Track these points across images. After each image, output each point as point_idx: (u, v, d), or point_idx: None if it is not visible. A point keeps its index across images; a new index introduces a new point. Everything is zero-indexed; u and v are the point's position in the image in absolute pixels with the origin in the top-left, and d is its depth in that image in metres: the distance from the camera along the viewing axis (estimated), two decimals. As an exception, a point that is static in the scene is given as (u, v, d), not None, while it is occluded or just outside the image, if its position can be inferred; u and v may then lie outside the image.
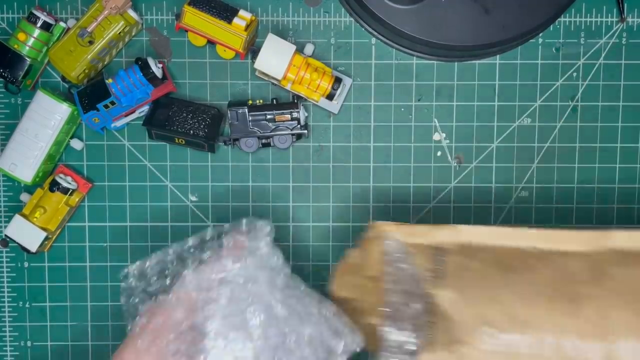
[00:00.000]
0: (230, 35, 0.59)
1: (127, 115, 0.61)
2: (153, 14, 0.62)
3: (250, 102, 0.61)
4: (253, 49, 0.61)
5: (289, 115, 0.61)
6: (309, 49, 0.62)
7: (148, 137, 0.62)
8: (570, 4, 0.59)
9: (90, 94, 0.59)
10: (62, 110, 0.60)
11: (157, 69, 0.59)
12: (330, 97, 0.60)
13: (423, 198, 0.64)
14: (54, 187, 0.60)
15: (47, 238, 0.61)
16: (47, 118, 0.59)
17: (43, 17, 0.59)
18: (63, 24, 0.61)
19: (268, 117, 0.61)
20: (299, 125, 0.61)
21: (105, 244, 0.64)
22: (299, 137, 0.62)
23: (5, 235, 0.61)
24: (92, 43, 0.59)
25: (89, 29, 0.58)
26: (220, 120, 0.62)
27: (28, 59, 0.59)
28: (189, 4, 0.58)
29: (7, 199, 0.63)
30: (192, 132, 0.60)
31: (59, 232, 0.63)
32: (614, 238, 0.51)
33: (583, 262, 0.51)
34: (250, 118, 0.60)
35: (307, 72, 0.59)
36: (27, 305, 0.64)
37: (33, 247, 0.61)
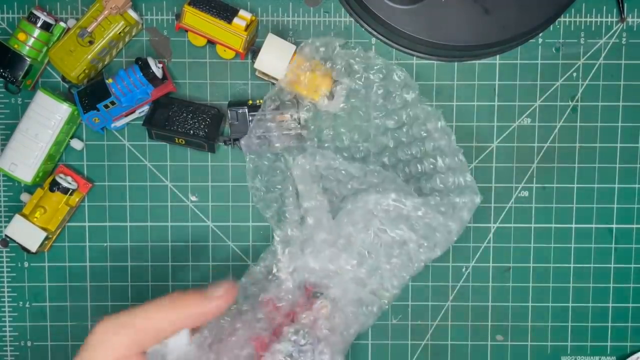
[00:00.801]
0: (230, 35, 0.59)
1: (127, 115, 0.61)
2: (153, 14, 0.62)
3: (250, 102, 0.61)
4: (253, 49, 0.61)
5: (289, 115, 0.61)
6: (309, 49, 0.62)
7: (148, 137, 0.62)
8: (570, 4, 0.59)
9: (90, 94, 0.59)
10: (62, 110, 0.60)
11: (157, 69, 0.59)
12: (330, 97, 0.60)
13: (423, 198, 0.64)
14: (54, 187, 0.61)
15: (47, 238, 0.61)
16: (47, 118, 0.59)
17: (43, 17, 0.59)
18: (63, 24, 0.61)
19: (268, 117, 0.61)
20: (299, 125, 0.61)
21: (105, 244, 0.64)
22: (299, 137, 0.62)
23: (5, 235, 0.61)
24: (92, 43, 0.59)
25: (89, 29, 0.58)
26: (220, 120, 0.62)
27: (28, 59, 0.59)
28: (189, 4, 0.58)
29: (7, 199, 0.63)
30: (192, 132, 0.60)
31: (59, 232, 0.63)
32: None
33: None
34: (250, 118, 0.60)
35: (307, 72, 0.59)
36: (27, 305, 0.64)
37: (33, 247, 0.61)
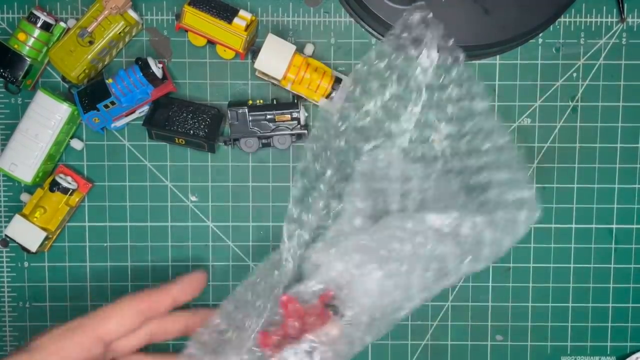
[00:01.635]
0: (230, 35, 0.59)
1: (127, 115, 0.61)
2: (153, 14, 0.62)
3: (250, 102, 0.61)
4: (253, 49, 0.61)
5: (289, 116, 0.61)
6: (309, 49, 0.62)
7: (148, 137, 0.62)
8: (570, 4, 0.59)
9: (90, 94, 0.59)
10: (62, 110, 0.60)
11: (157, 69, 0.59)
12: (330, 97, 0.60)
13: (423, 198, 0.64)
14: (54, 187, 0.61)
15: (47, 238, 0.61)
16: (47, 118, 0.59)
17: (43, 17, 0.59)
18: (63, 24, 0.61)
19: (268, 117, 0.61)
20: (299, 125, 0.61)
21: (105, 244, 0.64)
22: (299, 137, 0.62)
23: (5, 235, 0.61)
24: (92, 43, 0.59)
25: (89, 29, 0.58)
26: (220, 120, 0.62)
27: (28, 59, 0.59)
28: (189, 4, 0.58)
29: (7, 199, 0.63)
30: (192, 132, 0.60)
31: (59, 232, 0.63)
32: None
33: None
34: (250, 118, 0.60)
35: (307, 72, 0.59)
36: (27, 305, 0.64)
37: (33, 247, 0.61)
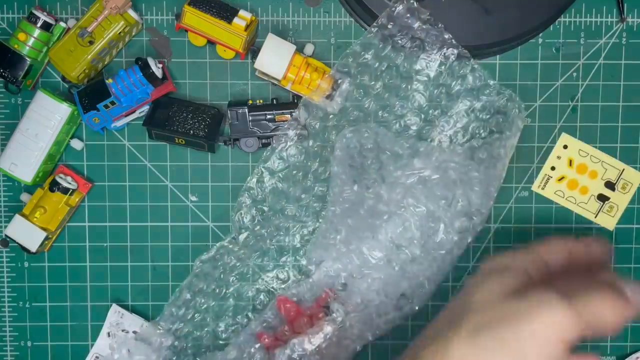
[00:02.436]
0: (230, 35, 0.59)
1: (127, 115, 0.61)
2: (153, 14, 0.62)
3: (250, 102, 0.61)
4: (253, 49, 0.61)
5: (289, 115, 0.61)
6: (309, 49, 0.62)
7: (148, 137, 0.62)
8: (570, 4, 0.59)
9: (90, 94, 0.59)
10: (62, 110, 0.60)
11: (157, 69, 0.59)
12: (330, 97, 0.60)
13: (423, 198, 0.64)
14: (54, 187, 0.60)
15: (47, 238, 0.61)
16: (47, 118, 0.59)
17: (43, 17, 0.59)
18: (63, 24, 0.61)
19: (268, 117, 0.61)
20: (299, 125, 0.61)
21: (105, 244, 0.64)
22: (300, 137, 0.62)
23: (5, 235, 0.61)
24: (92, 43, 0.59)
25: (89, 29, 0.58)
26: (220, 120, 0.62)
27: (28, 59, 0.59)
28: (189, 4, 0.58)
29: (7, 199, 0.63)
30: (192, 132, 0.60)
31: (59, 232, 0.63)
32: None
33: None
34: (250, 118, 0.60)
35: (307, 72, 0.59)
36: (27, 305, 0.64)
37: (33, 247, 0.60)
